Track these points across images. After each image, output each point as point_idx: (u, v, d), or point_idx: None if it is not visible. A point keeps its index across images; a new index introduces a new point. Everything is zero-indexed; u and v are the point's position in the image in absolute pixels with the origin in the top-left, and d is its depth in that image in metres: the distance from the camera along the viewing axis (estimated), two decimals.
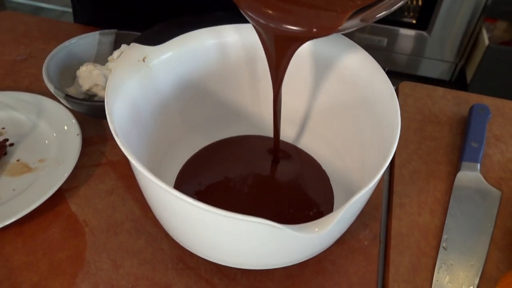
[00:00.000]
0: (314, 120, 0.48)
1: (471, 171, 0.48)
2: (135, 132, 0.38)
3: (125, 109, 0.36)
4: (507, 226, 0.45)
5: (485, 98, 0.59)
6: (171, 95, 0.43)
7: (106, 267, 0.40)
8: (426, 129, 0.55)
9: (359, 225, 0.44)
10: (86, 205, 0.44)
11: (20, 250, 0.41)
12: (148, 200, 0.37)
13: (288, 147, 0.49)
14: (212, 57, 0.44)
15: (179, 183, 0.45)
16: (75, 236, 0.42)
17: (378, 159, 0.35)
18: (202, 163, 0.47)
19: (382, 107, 0.38)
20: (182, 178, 0.45)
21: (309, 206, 0.43)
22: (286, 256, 0.35)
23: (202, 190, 0.44)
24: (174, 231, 0.37)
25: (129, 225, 0.43)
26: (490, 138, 0.54)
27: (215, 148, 0.48)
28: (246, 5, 0.33)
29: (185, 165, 0.46)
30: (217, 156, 0.47)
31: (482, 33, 1.68)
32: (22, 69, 0.60)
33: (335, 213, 0.30)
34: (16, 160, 0.47)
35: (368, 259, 0.42)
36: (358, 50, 0.41)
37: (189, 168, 0.46)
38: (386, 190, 0.49)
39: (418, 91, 0.60)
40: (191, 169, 0.46)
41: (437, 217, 0.45)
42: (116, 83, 0.36)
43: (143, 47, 0.39)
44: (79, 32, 0.64)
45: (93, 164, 0.48)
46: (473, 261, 0.41)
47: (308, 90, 0.46)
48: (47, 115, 0.51)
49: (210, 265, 0.40)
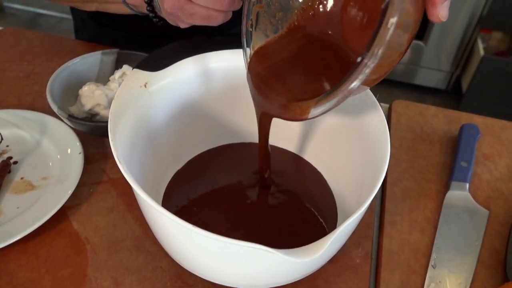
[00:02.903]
0: (308, 141, 0.50)
1: (460, 191, 0.50)
2: (136, 154, 0.40)
3: (127, 133, 0.38)
4: (493, 245, 0.46)
5: (475, 117, 0.61)
6: (170, 117, 0.45)
7: (107, 284, 0.41)
8: (418, 148, 0.56)
9: (352, 244, 0.45)
10: (88, 222, 0.46)
11: (24, 267, 0.42)
12: (148, 221, 0.39)
13: (288, 157, 0.51)
14: (209, 81, 0.46)
15: (169, 196, 0.46)
16: (77, 253, 0.43)
17: (369, 183, 0.36)
18: (193, 173, 0.48)
19: (373, 133, 0.39)
20: (171, 190, 0.47)
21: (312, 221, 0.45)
22: (280, 277, 0.36)
23: (196, 203, 0.46)
24: (173, 252, 0.39)
25: (129, 243, 0.44)
26: (479, 157, 0.55)
27: (206, 158, 0.50)
28: (256, 82, 0.39)
29: (175, 175, 0.48)
30: (210, 165, 0.49)
31: (477, 43, 1.70)
32: (25, 86, 0.62)
33: (327, 238, 0.31)
34: (20, 178, 0.49)
35: (360, 276, 0.43)
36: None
37: (180, 179, 0.48)
38: (378, 207, 0.51)
39: (411, 110, 0.62)
40: (182, 180, 0.48)
41: (427, 235, 0.47)
42: (119, 110, 0.37)
43: (145, 73, 0.41)
44: (81, 49, 0.66)
45: (95, 182, 0.50)
46: (461, 279, 0.43)
47: None
48: (50, 133, 0.52)
49: (208, 284, 0.41)
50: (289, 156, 0.51)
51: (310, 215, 0.45)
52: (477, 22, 1.65)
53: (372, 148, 0.39)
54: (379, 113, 0.40)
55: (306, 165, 0.50)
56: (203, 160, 0.50)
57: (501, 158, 0.56)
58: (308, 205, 0.46)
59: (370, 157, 0.39)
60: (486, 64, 1.65)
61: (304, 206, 0.46)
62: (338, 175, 0.47)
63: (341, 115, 0.44)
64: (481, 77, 1.68)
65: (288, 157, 0.51)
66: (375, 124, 0.40)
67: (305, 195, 0.47)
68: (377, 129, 0.39)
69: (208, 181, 0.48)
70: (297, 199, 0.47)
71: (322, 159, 0.49)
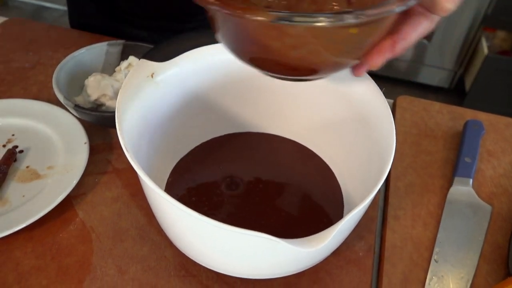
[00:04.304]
0: (314, 134, 0.50)
1: (464, 186, 0.50)
2: (143, 143, 0.40)
3: (134, 123, 0.38)
4: (496, 240, 0.46)
5: (479, 114, 0.61)
6: (176, 108, 0.45)
7: (112, 273, 0.42)
8: (422, 143, 0.57)
9: (355, 237, 0.46)
10: (93, 212, 0.46)
11: (30, 254, 0.42)
12: (154, 210, 0.39)
13: (296, 148, 0.51)
14: (215, 72, 0.46)
15: (171, 185, 0.46)
16: (82, 242, 0.44)
17: (373, 177, 0.37)
18: (196, 163, 0.49)
19: (379, 127, 0.40)
20: (174, 179, 0.47)
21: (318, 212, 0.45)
22: (284, 267, 0.37)
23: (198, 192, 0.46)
24: (177, 240, 0.39)
25: (134, 232, 0.45)
26: (483, 154, 0.56)
27: (210, 147, 0.50)
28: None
29: (178, 164, 0.48)
30: (214, 155, 0.49)
31: (481, 42, 1.70)
32: (31, 76, 0.62)
33: (331, 229, 0.32)
34: (26, 167, 0.49)
35: (363, 269, 0.43)
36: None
37: (183, 169, 0.48)
38: (382, 202, 0.51)
39: (415, 105, 0.62)
40: (185, 170, 0.48)
41: (430, 230, 0.47)
42: (126, 99, 0.37)
43: (151, 63, 0.41)
44: (86, 40, 0.66)
45: (100, 172, 0.50)
46: (463, 274, 0.43)
47: (307, 106, 0.48)
48: (55, 123, 0.52)
49: (211, 273, 0.42)
50: (297, 148, 0.51)
51: (316, 207, 0.46)
52: (481, 21, 1.65)
53: (378, 141, 0.39)
54: (385, 106, 0.40)
55: (314, 157, 0.50)
56: (207, 150, 0.50)
57: (505, 155, 0.56)
58: (314, 197, 0.46)
59: (376, 151, 0.39)
60: (490, 63, 1.65)
61: (310, 198, 0.46)
62: (344, 168, 0.47)
63: (347, 108, 0.44)
64: (485, 76, 1.68)
65: (296, 148, 0.51)
66: (381, 118, 0.40)
67: (312, 187, 0.47)
68: (383, 122, 0.39)
69: (211, 171, 0.48)
70: (303, 191, 0.47)
71: (329, 153, 0.49)
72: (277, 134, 0.51)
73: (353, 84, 0.43)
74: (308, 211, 0.45)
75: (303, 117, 0.49)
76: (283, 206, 0.45)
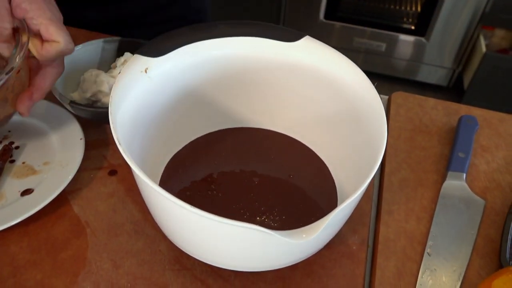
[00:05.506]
0: (307, 128, 0.50)
1: (457, 181, 0.50)
2: (136, 138, 0.41)
3: (127, 118, 0.38)
4: (489, 234, 0.47)
5: (474, 109, 0.61)
6: (170, 103, 0.45)
7: (107, 267, 0.42)
8: (416, 139, 0.57)
9: (348, 230, 0.46)
10: (88, 207, 0.47)
11: (25, 249, 0.43)
12: (148, 204, 0.39)
13: (290, 142, 0.51)
14: (208, 67, 0.46)
15: (165, 179, 0.47)
16: (77, 236, 0.44)
17: (366, 170, 0.37)
18: (190, 158, 0.49)
19: (371, 120, 0.40)
20: (168, 174, 0.47)
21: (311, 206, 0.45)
22: (277, 259, 0.37)
23: (192, 187, 0.46)
24: (172, 234, 0.39)
25: (129, 227, 0.45)
26: (477, 149, 0.56)
27: (204, 142, 0.51)
28: None
29: (172, 159, 0.48)
30: (208, 150, 0.50)
31: (479, 40, 1.70)
32: None
33: (321, 221, 0.32)
34: (22, 163, 0.49)
35: (356, 263, 0.44)
36: (349, 63, 0.43)
37: (177, 163, 0.48)
38: (376, 196, 0.51)
39: (410, 101, 0.62)
40: (179, 164, 0.48)
41: (423, 224, 0.47)
42: (120, 93, 0.38)
43: (146, 58, 0.41)
44: (83, 38, 0.66)
45: (95, 168, 0.50)
46: (456, 267, 0.43)
47: (300, 100, 0.48)
48: (51, 119, 0.53)
49: (205, 267, 0.42)
50: (291, 142, 0.51)
51: (310, 200, 0.46)
52: (480, 19, 1.65)
53: (370, 134, 0.40)
54: (377, 100, 0.40)
55: (308, 151, 0.50)
56: (201, 145, 0.50)
57: (498, 150, 0.56)
58: (308, 191, 0.47)
59: (368, 143, 0.39)
60: (488, 61, 1.65)
61: (304, 192, 0.47)
62: (338, 162, 0.48)
63: (340, 102, 0.44)
64: (483, 74, 1.69)
65: (290, 143, 0.51)
66: (373, 111, 0.40)
67: (306, 181, 0.48)
68: (375, 115, 0.39)
69: (205, 166, 0.48)
70: (297, 185, 0.47)
71: (322, 146, 0.49)
72: (270, 129, 0.51)
73: (345, 78, 0.43)
74: (302, 205, 0.45)
75: (296, 112, 0.49)
76: (277, 200, 0.46)
